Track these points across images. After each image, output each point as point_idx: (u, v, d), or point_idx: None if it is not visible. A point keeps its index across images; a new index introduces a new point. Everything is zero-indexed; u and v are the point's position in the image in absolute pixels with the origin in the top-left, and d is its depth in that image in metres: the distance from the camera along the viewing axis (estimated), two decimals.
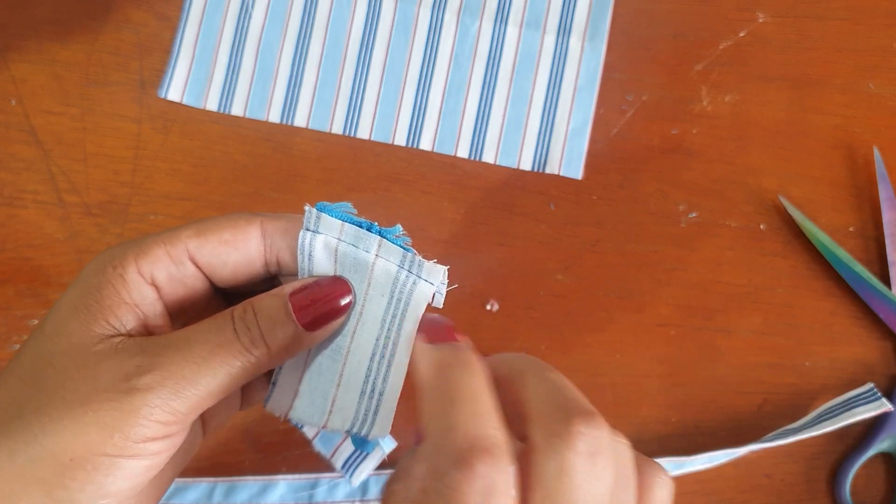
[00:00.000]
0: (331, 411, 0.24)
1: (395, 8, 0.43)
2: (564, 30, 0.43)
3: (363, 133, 0.42)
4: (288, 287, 0.22)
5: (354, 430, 0.24)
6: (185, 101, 0.41)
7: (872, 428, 0.42)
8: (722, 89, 0.44)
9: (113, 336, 0.21)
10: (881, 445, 0.41)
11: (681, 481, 0.40)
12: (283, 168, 0.41)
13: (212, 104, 0.41)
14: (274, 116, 0.42)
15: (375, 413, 0.24)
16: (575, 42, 0.43)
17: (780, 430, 0.41)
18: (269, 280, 0.25)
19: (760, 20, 0.45)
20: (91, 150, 0.40)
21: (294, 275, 0.24)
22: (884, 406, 0.39)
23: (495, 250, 0.42)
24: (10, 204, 0.39)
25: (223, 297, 0.25)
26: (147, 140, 0.40)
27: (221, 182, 0.41)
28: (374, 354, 0.24)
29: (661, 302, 0.42)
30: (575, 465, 0.18)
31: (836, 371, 0.43)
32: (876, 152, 0.43)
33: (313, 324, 0.22)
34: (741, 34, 0.44)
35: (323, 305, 0.22)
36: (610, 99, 0.43)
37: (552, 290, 0.42)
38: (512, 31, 0.43)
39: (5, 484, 0.19)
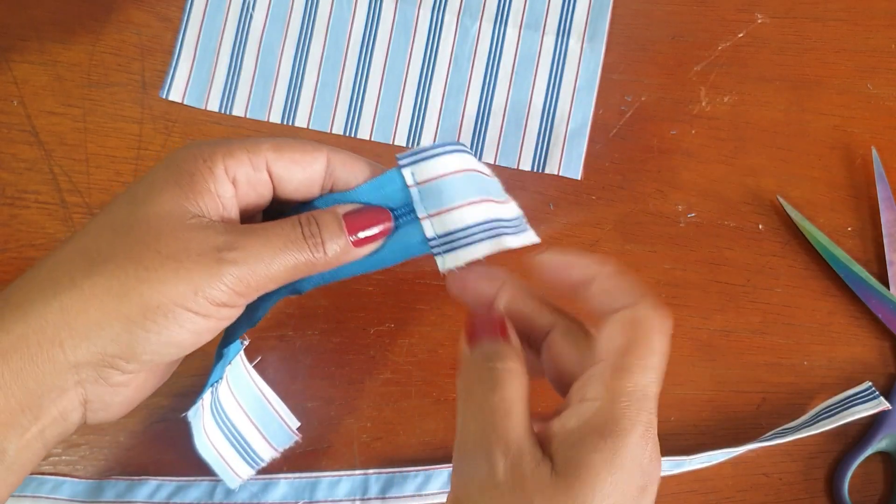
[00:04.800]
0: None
1: (396, 9, 0.43)
2: (564, 31, 0.43)
3: (364, 133, 0.42)
4: (341, 208, 0.26)
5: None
6: (186, 102, 0.41)
7: (870, 427, 0.42)
8: (721, 90, 0.44)
9: (201, 216, 0.24)
10: (879, 444, 0.41)
11: (680, 480, 0.41)
12: None
13: (213, 105, 0.41)
14: (275, 117, 0.42)
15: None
16: (574, 43, 0.43)
17: (778, 429, 0.41)
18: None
19: (759, 21, 0.45)
20: (93, 151, 0.40)
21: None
22: (882, 405, 0.40)
23: None
24: (12, 204, 0.39)
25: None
26: (149, 141, 0.41)
27: None
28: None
29: (659, 302, 0.42)
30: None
31: (835, 370, 0.43)
32: (874, 153, 0.43)
33: (359, 241, 0.26)
34: (740, 35, 0.45)
35: (369, 227, 0.26)
36: (609, 100, 0.43)
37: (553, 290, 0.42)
38: (511, 32, 0.43)
39: (94, 312, 0.22)
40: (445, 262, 0.26)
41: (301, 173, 0.26)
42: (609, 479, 0.21)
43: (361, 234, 0.26)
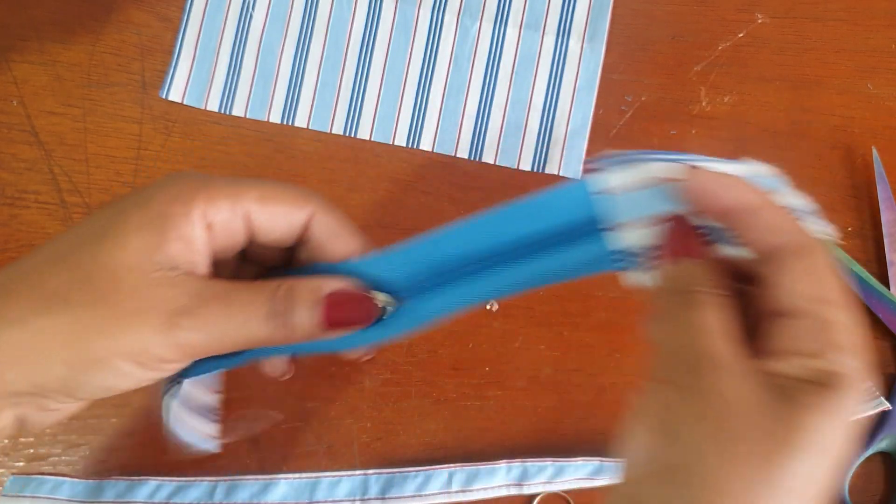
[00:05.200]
0: None
1: (396, 9, 0.43)
2: (564, 31, 0.43)
3: (364, 133, 0.42)
4: (327, 286, 0.25)
5: None
6: (186, 102, 0.41)
7: (871, 427, 0.42)
8: (721, 90, 0.44)
9: (169, 269, 0.23)
10: (880, 444, 0.41)
11: None
12: (284, 168, 0.41)
13: (213, 105, 0.41)
14: (275, 117, 0.42)
15: None
16: (574, 43, 0.43)
17: None
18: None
19: (759, 21, 0.45)
20: (93, 151, 0.40)
21: (313, 259, 0.26)
22: (882, 405, 0.40)
23: None
24: (13, 204, 0.39)
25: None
26: (148, 141, 0.41)
27: None
28: None
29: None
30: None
31: None
32: (875, 153, 0.43)
33: (334, 326, 0.24)
34: (740, 35, 0.45)
35: (349, 313, 0.25)
36: (609, 100, 0.43)
37: (552, 290, 0.42)
38: (511, 32, 0.43)
39: (40, 352, 0.23)
40: (634, 277, 0.25)
41: (282, 226, 0.25)
42: (829, 433, 0.20)
43: (337, 320, 0.25)
